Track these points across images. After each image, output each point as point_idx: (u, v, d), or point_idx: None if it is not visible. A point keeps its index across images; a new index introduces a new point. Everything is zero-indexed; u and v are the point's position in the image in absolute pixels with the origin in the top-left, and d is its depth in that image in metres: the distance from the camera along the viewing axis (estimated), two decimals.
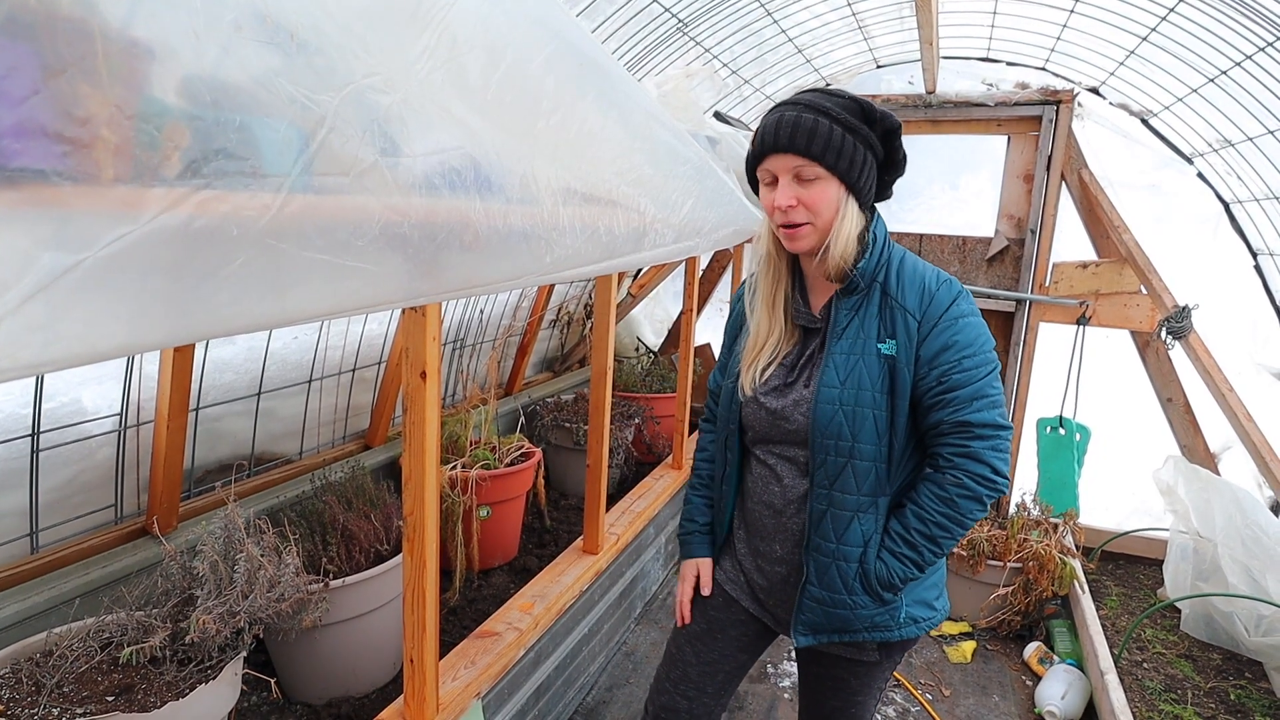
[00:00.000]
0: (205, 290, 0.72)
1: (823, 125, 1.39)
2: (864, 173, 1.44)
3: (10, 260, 0.55)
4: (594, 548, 2.84)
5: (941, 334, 1.43)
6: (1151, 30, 3.16)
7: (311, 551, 2.30)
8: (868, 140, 1.42)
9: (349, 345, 3.07)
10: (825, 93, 1.45)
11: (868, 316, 1.48)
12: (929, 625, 1.59)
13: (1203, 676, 2.97)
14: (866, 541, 1.49)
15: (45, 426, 2.04)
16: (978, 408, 1.42)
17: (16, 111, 0.54)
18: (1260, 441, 3.21)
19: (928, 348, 1.44)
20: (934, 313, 1.44)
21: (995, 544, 3.45)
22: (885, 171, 1.49)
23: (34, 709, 1.58)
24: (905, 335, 1.45)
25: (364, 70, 0.88)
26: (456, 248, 1.15)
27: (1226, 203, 3.66)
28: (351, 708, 2.35)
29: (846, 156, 1.41)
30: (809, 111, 1.41)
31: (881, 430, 1.46)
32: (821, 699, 1.71)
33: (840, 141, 1.40)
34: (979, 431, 1.41)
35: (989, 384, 1.43)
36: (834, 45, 4.02)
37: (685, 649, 1.76)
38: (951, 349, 1.43)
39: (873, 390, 1.45)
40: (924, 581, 1.59)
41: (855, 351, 1.47)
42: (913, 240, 4.33)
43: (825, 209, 1.44)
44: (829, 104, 1.41)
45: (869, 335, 1.47)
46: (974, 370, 1.42)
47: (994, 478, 1.42)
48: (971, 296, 1.51)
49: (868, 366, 1.46)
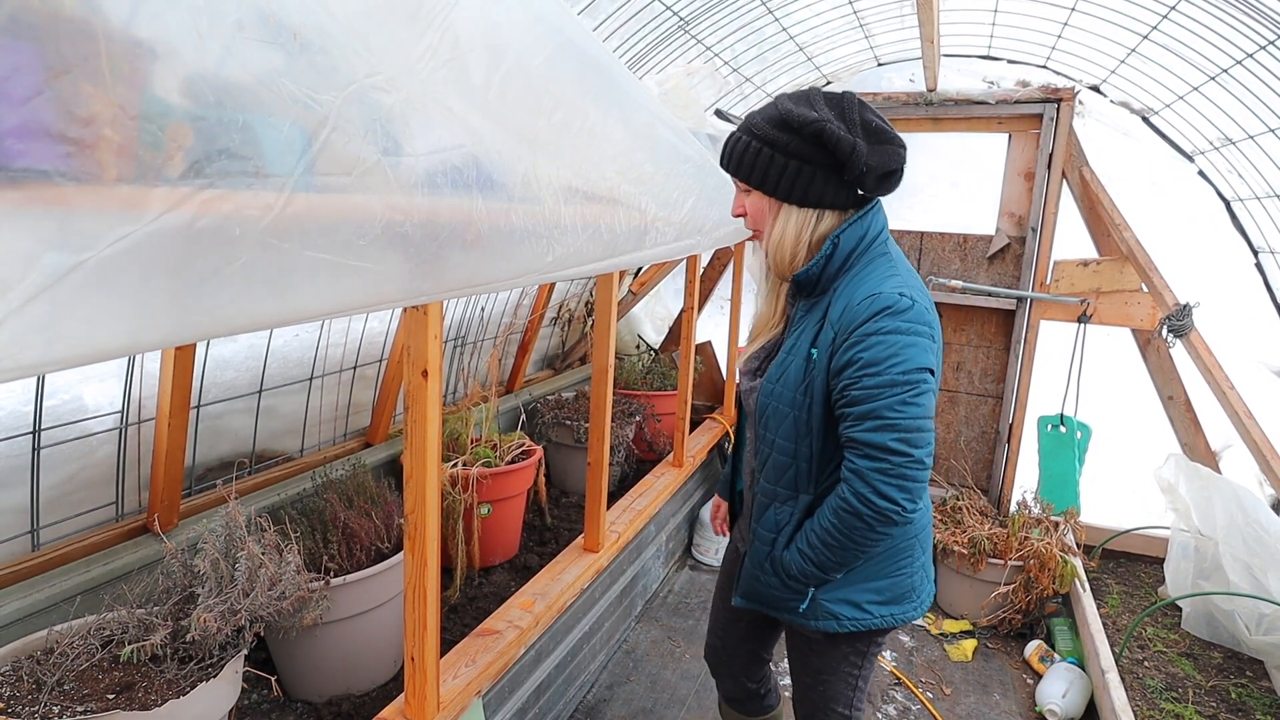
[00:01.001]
0: (207, 290, 0.72)
1: (742, 144, 1.54)
2: (787, 181, 1.50)
3: (13, 260, 0.55)
4: (595, 546, 2.84)
5: (850, 349, 1.44)
6: (1153, 28, 3.15)
7: (312, 549, 2.30)
8: (788, 149, 1.48)
9: (350, 343, 3.07)
10: (769, 106, 1.53)
11: (812, 320, 1.57)
12: (855, 625, 1.61)
13: (1204, 675, 2.97)
14: (779, 529, 1.61)
15: (46, 424, 2.04)
16: (868, 427, 1.41)
17: (20, 112, 0.54)
18: (1261, 440, 3.21)
19: (837, 360, 1.47)
20: (846, 326, 1.46)
21: (996, 542, 3.45)
22: (843, 170, 1.47)
23: (35, 706, 1.58)
24: (824, 344, 1.51)
25: (366, 69, 0.88)
26: (458, 246, 1.15)
27: (1227, 200, 3.65)
28: (352, 705, 2.35)
29: (760, 170, 1.52)
30: (740, 132, 1.56)
31: (801, 431, 1.54)
32: (796, 673, 1.83)
33: (754, 156, 1.52)
34: (866, 451, 1.42)
35: (890, 406, 1.39)
36: (835, 43, 4.02)
37: (717, 598, 2.04)
38: (855, 365, 1.43)
39: (794, 391, 1.54)
40: (853, 584, 1.61)
41: (793, 352, 1.57)
42: (913, 238, 4.33)
43: (759, 217, 1.60)
44: (757, 120, 1.53)
45: (806, 339, 1.55)
46: (873, 389, 1.41)
47: (876, 501, 1.40)
48: (915, 315, 1.44)
49: (795, 368, 1.55)
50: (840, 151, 1.43)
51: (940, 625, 3.51)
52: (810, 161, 1.48)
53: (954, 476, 4.45)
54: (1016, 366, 4.18)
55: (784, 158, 1.49)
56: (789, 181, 1.50)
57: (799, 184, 1.50)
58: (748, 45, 3.81)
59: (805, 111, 1.45)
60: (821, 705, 1.78)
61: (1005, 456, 4.29)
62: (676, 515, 3.93)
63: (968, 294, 4.17)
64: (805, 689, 1.80)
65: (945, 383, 4.45)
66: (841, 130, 1.43)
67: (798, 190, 1.51)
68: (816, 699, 1.78)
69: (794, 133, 1.47)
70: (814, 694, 1.78)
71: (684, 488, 3.92)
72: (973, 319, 4.31)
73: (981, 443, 4.42)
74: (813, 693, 1.78)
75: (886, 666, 3.19)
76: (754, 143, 1.52)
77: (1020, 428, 4.22)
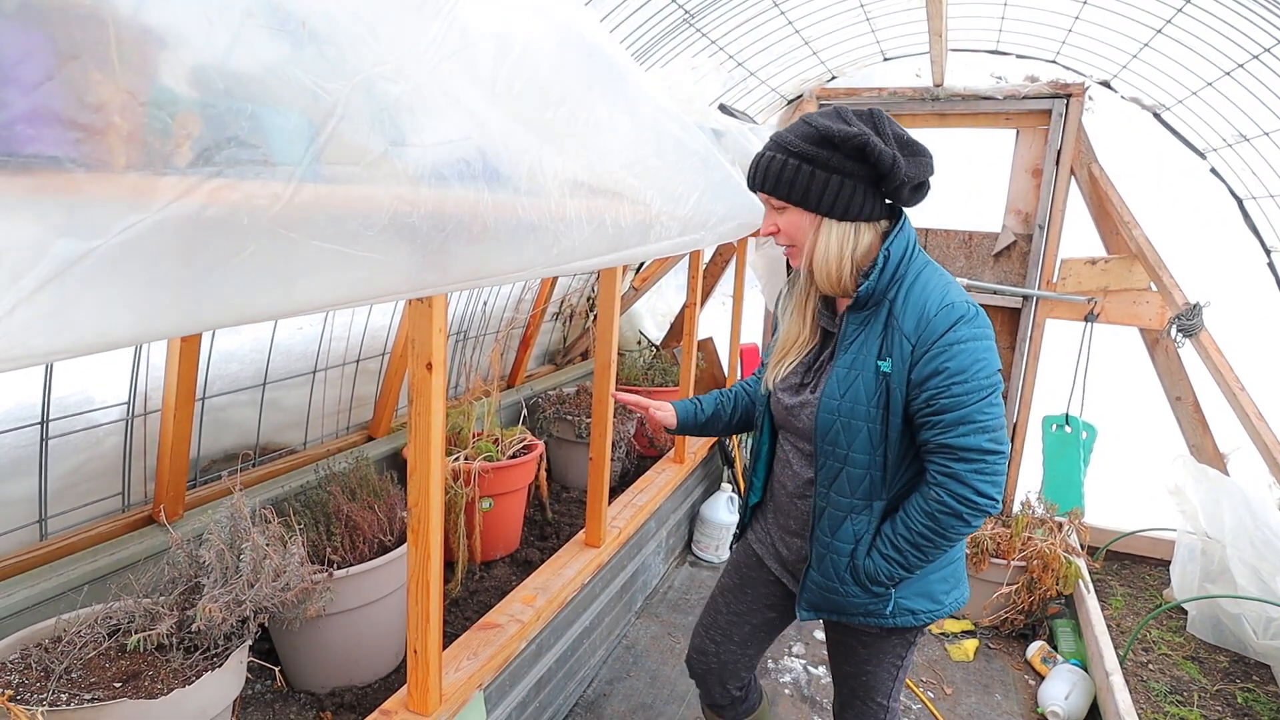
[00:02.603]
0: (216, 279, 0.72)
1: (777, 161, 1.52)
2: (830, 196, 1.50)
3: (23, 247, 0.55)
4: (596, 541, 2.84)
5: (933, 360, 1.48)
6: (1166, 23, 3.13)
7: (316, 541, 2.31)
8: (830, 164, 1.48)
9: (353, 337, 3.07)
10: (799, 125, 1.52)
11: (872, 333, 1.56)
12: (929, 618, 1.69)
13: (1209, 679, 2.96)
14: (857, 540, 1.61)
15: (54, 415, 2.05)
16: (962, 432, 1.47)
17: (30, 97, 0.54)
18: (1272, 442, 3.19)
19: (919, 372, 1.50)
20: (927, 338, 1.49)
21: (999, 542, 3.44)
22: (882, 183, 1.51)
23: (42, 694, 1.59)
24: (900, 357, 1.51)
25: (374, 59, 0.88)
26: (465, 239, 1.15)
27: (1240, 199, 3.63)
28: (355, 697, 2.36)
29: (800, 187, 1.50)
30: (771, 149, 1.55)
31: (875, 442, 1.56)
32: (837, 663, 1.84)
33: (794, 174, 1.50)
34: (963, 455, 1.48)
35: (979, 410, 1.47)
36: (841, 37, 3.99)
37: (719, 599, 1.99)
38: (941, 375, 1.48)
39: (868, 404, 1.54)
40: (925, 576, 1.67)
41: (856, 367, 1.56)
42: (918, 235, 4.30)
43: (798, 235, 1.58)
44: (790, 138, 1.52)
45: (870, 352, 1.55)
46: (962, 396, 1.47)
47: (976, 499, 1.48)
48: (982, 319, 1.53)
49: (865, 382, 1.55)
50: (882, 165, 1.45)
51: (942, 625, 3.51)
52: (851, 175, 1.49)
53: None
54: (1022, 365, 4.17)
55: (825, 173, 1.48)
56: (831, 196, 1.50)
57: (841, 198, 1.50)
58: (753, 39, 3.80)
59: (844, 127, 1.45)
60: (863, 695, 1.81)
61: (1009, 456, 4.27)
62: (677, 511, 3.93)
63: (973, 292, 4.16)
64: (847, 678, 1.83)
65: None
66: (881, 144, 1.44)
67: (840, 205, 1.51)
68: (858, 688, 1.81)
69: (835, 148, 1.47)
70: (856, 684, 1.81)
71: (685, 484, 3.91)
72: None
73: None
74: (855, 682, 1.81)
75: None
76: (790, 160, 1.50)
77: (1025, 427, 4.20)
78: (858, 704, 1.83)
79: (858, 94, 4.30)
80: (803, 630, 3.36)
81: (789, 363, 1.73)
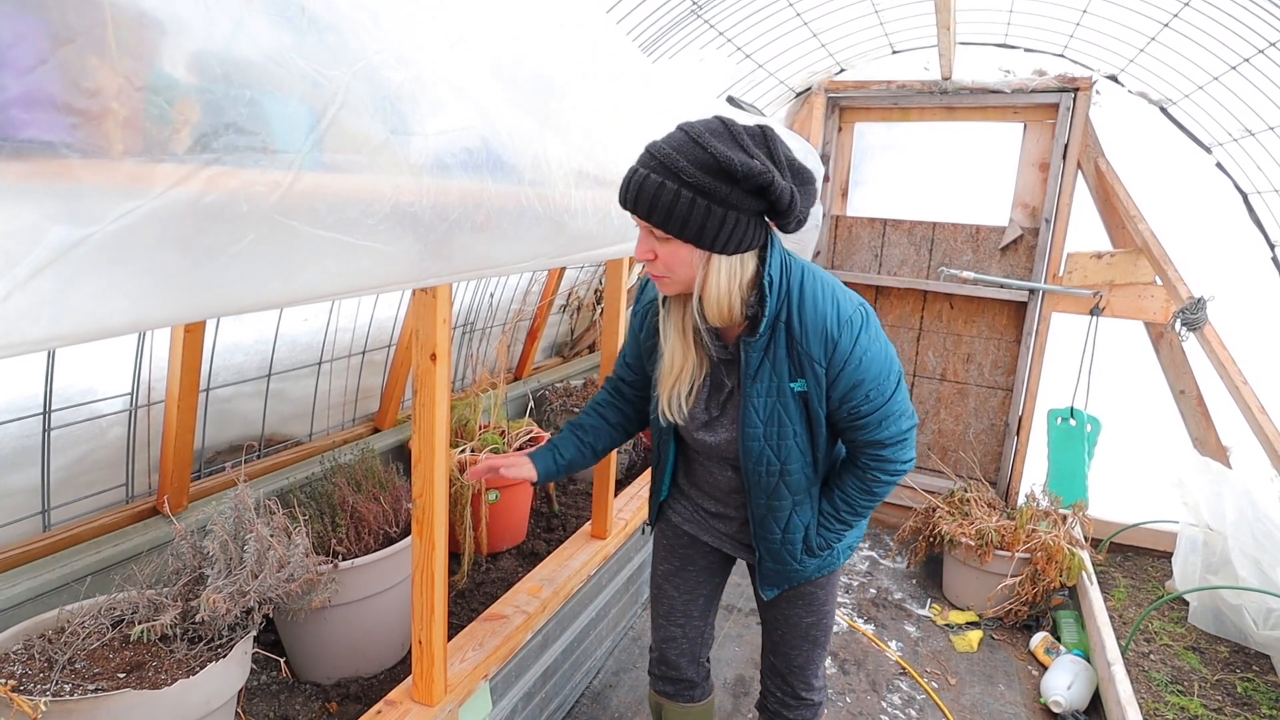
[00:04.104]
0: (215, 267, 0.71)
1: (667, 191, 1.32)
2: (724, 232, 1.36)
3: (19, 233, 0.55)
4: (602, 532, 2.84)
5: (848, 378, 1.52)
6: (1174, 16, 3.10)
7: (321, 533, 2.31)
8: (727, 200, 1.33)
9: (359, 328, 3.07)
10: (688, 144, 1.33)
11: (778, 359, 1.54)
12: (852, 551, 1.90)
13: (1210, 669, 2.95)
14: (807, 527, 1.71)
15: (57, 405, 2.05)
16: (885, 426, 1.57)
17: (24, 81, 0.53)
18: (1274, 435, 3.18)
19: (836, 389, 1.54)
20: (838, 360, 1.51)
21: (1003, 534, 3.44)
22: (774, 216, 1.41)
23: (46, 684, 1.60)
24: (813, 377, 1.53)
25: (375, 46, 0.87)
26: (468, 228, 1.14)
27: (1245, 193, 3.60)
28: (360, 688, 2.37)
29: (696, 223, 1.34)
30: (658, 173, 1.33)
31: (805, 450, 1.63)
32: (797, 620, 1.89)
33: (687, 208, 1.33)
34: (888, 441, 1.59)
35: (894, 403, 1.57)
36: (849, 30, 3.97)
37: (666, 587, 2.01)
38: (858, 387, 1.53)
39: (794, 425, 1.59)
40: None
41: (772, 394, 1.56)
42: (925, 228, 4.29)
43: (680, 267, 1.43)
44: (682, 164, 1.31)
45: (782, 375, 1.55)
46: (878, 399, 1.55)
47: (902, 466, 1.63)
48: (873, 319, 1.56)
49: (784, 406, 1.57)
50: (780, 203, 1.35)
51: (946, 616, 3.51)
52: (747, 211, 1.36)
53: (962, 468, 4.43)
54: (1027, 359, 4.15)
55: (722, 209, 1.33)
56: (727, 233, 1.36)
57: (735, 234, 1.37)
58: (761, 31, 3.77)
59: (745, 160, 1.30)
60: (822, 637, 1.92)
61: (1014, 449, 4.27)
62: None
63: (979, 285, 4.14)
64: (809, 629, 1.90)
65: (955, 374, 4.42)
66: (783, 180, 1.34)
67: (734, 241, 1.38)
68: (819, 634, 1.91)
69: (734, 183, 1.32)
70: (816, 631, 1.91)
71: None
72: (984, 310, 4.28)
73: (991, 435, 4.40)
74: (815, 630, 1.90)
75: (892, 656, 3.18)
76: (684, 191, 1.32)
77: (1030, 420, 4.19)
78: (817, 650, 1.93)
79: (866, 86, 4.28)
80: None
81: (682, 393, 1.63)
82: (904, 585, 3.82)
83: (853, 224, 4.51)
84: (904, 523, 3.92)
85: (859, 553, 4.15)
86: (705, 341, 1.58)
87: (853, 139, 4.51)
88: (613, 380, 1.97)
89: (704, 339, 1.58)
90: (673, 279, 1.46)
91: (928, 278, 4.33)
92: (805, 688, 1.96)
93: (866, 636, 3.33)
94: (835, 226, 4.56)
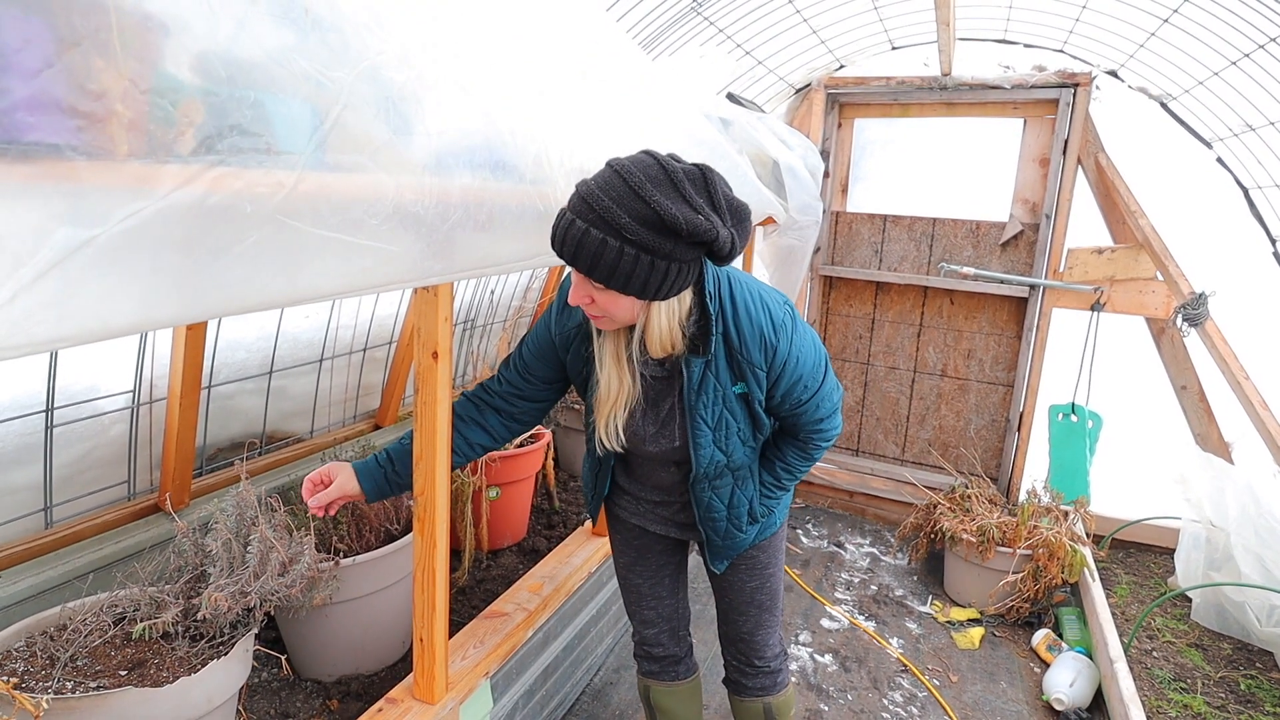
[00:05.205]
0: (218, 267, 0.71)
1: (610, 250, 1.26)
2: (667, 283, 1.34)
3: (24, 235, 0.55)
4: (604, 530, 2.85)
5: (786, 376, 1.61)
6: (1173, 11, 3.09)
7: (322, 530, 2.32)
8: (670, 254, 1.29)
9: (360, 325, 3.08)
10: (628, 195, 1.25)
11: (720, 368, 1.59)
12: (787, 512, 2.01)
13: (1213, 666, 2.96)
14: (750, 499, 1.81)
15: (59, 403, 2.05)
16: (819, 406, 1.70)
17: (30, 84, 0.53)
18: (1276, 430, 3.18)
19: (779, 388, 1.63)
20: (778, 362, 1.60)
21: (1005, 530, 3.44)
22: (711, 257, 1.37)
23: (48, 682, 1.60)
24: (755, 380, 1.61)
25: (378, 46, 0.87)
26: (470, 227, 1.14)
27: (1246, 188, 3.60)
28: (361, 685, 2.37)
29: (639, 280, 1.30)
30: (598, 228, 1.26)
31: (747, 439, 1.73)
32: (742, 584, 1.96)
33: (630, 266, 1.28)
34: (825, 416, 1.73)
35: (826, 387, 1.69)
36: (849, 26, 3.96)
37: (630, 576, 2.06)
38: (796, 382, 1.63)
39: (738, 423, 1.68)
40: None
41: (718, 402, 1.63)
42: (925, 224, 4.29)
43: (620, 313, 1.42)
44: (623, 220, 1.24)
45: (724, 382, 1.62)
46: (814, 387, 1.66)
47: (835, 433, 1.79)
48: (797, 315, 1.66)
49: (729, 410, 1.65)
50: (719, 249, 1.32)
51: (948, 613, 3.51)
52: (689, 261, 1.34)
53: (963, 464, 4.44)
54: (1028, 354, 4.15)
55: (665, 262, 1.30)
56: (670, 283, 1.34)
57: (677, 282, 1.36)
58: (760, 28, 3.77)
59: (690, 215, 1.25)
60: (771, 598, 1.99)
61: (1015, 445, 4.27)
62: None
63: (980, 281, 4.14)
64: (755, 593, 1.97)
65: (956, 370, 4.43)
66: (724, 230, 1.30)
67: (676, 287, 1.37)
68: (769, 594, 1.99)
69: (678, 239, 1.27)
70: (765, 593, 1.98)
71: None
72: (984, 306, 4.28)
73: (992, 431, 4.40)
74: (764, 593, 1.98)
75: (893, 654, 3.19)
76: (626, 249, 1.26)
77: (1031, 416, 4.19)
78: (765, 616, 1.99)
79: (865, 83, 4.27)
80: (809, 619, 3.37)
81: (620, 415, 1.62)
82: (905, 582, 3.83)
83: (853, 220, 4.50)
84: (905, 519, 3.93)
85: (860, 549, 4.15)
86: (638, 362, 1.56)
87: (852, 135, 4.51)
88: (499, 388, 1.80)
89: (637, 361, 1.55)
90: (611, 319, 1.44)
91: (928, 273, 4.33)
92: (758, 656, 2.02)
93: (868, 634, 3.33)
94: (835, 222, 4.56)
